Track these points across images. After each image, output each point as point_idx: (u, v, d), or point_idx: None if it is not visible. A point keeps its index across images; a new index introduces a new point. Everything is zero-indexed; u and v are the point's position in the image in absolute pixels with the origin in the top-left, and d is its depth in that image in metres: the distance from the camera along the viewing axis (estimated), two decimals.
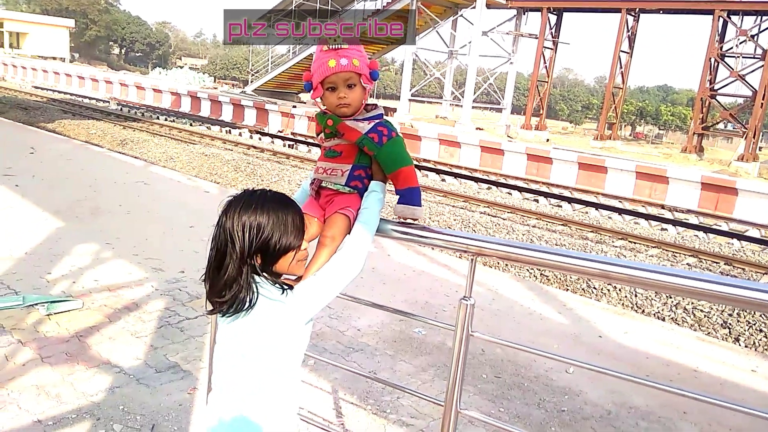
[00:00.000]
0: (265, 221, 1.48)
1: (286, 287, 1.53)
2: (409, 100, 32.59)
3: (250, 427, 1.55)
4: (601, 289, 7.50)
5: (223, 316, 1.55)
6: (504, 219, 11.85)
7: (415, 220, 1.77)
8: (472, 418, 3.27)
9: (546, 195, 15.27)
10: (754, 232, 13.20)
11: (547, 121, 35.00)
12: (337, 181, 1.78)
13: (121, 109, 25.99)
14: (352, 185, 1.77)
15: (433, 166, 18.11)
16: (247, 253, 1.49)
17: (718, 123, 31.09)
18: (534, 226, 11.36)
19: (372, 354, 4.09)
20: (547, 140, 29.74)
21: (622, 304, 7.16)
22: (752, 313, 6.71)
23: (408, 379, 3.76)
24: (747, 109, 27.57)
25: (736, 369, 4.42)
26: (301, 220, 1.55)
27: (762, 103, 25.12)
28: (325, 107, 1.83)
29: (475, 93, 28.62)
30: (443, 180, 16.47)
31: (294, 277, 1.62)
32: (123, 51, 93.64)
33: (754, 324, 6.56)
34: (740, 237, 12.23)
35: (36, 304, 4.19)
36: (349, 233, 1.72)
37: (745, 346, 6.06)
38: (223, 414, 1.58)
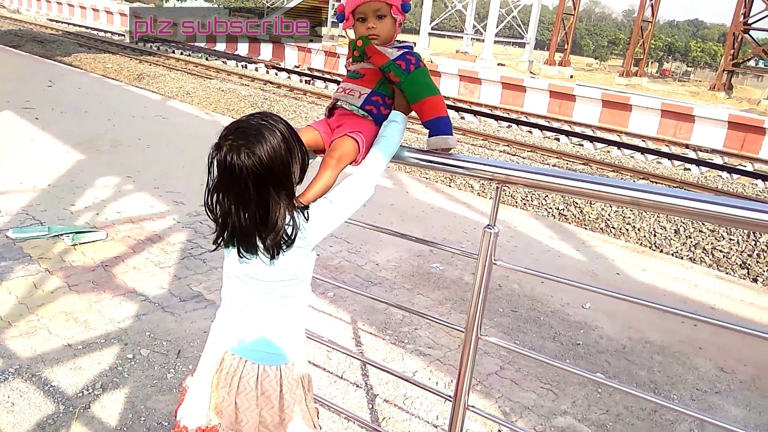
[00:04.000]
0: (280, 143, 1.41)
1: (306, 212, 1.50)
2: (429, 34, 31.70)
3: (260, 344, 1.58)
4: (620, 228, 7.45)
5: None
6: (524, 158, 11.70)
7: (449, 149, 1.73)
8: (488, 348, 3.34)
9: (568, 133, 14.98)
10: None
11: (572, 56, 33.95)
12: (353, 102, 1.74)
13: (137, 43, 25.64)
14: (366, 108, 1.73)
15: (452, 104, 17.79)
16: (287, 181, 1.43)
17: (749, 60, 29.88)
18: (554, 165, 11.22)
19: (390, 287, 4.14)
20: (571, 76, 28.95)
21: (641, 243, 7.12)
22: None
23: (425, 311, 3.81)
24: None
25: (754, 307, 4.42)
26: (289, 125, 1.49)
27: None
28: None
29: (497, 27, 27.73)
30: (462, 118, 16.20)
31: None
32: None
33: None
34: (765, 177, 11.98)
35: (61, 235, 4.27)
36: (354, 159, 1.69)
37: (763, 286, 6.04)
38: (232, 331, 1.61)
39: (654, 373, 3.36)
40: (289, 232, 1.45)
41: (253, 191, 1.39)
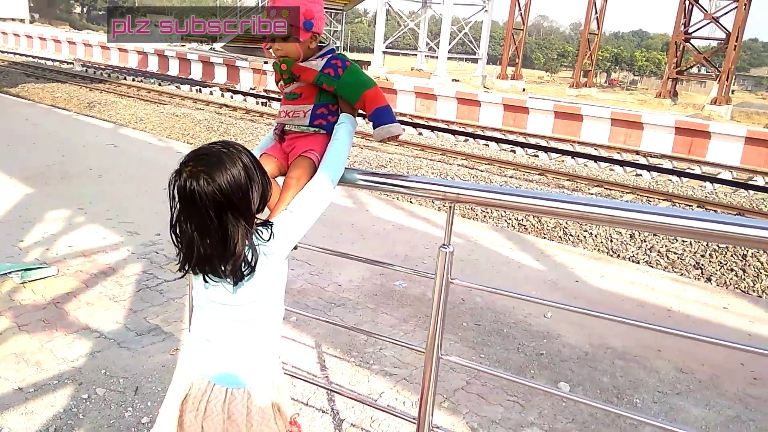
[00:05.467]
0: (240, 171, 1.42)
1: (270, 227, 1.51)
2: (384, 52, 32.04)
3: (228, 368, 1.55)
4: (578, 236, 7.60)
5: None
6: (482, 171, 11.86)
7: (396, 137, 1.76)
8: (454, 364, 3.34)
9: (523, 145, 15.29)
10: (726, 175, 13.45)
11: (523, 70, 34.76)
12: (301, 122, 1.76)
13: (86, 71, 25.14)
14: (315, 124, 1.76)
15: (409, 120, 17.96)
16: (246, 209, 1.44)
17: (691, 67, 31.20)
18: (511, 177, 11.41)
19: (354, 308, 4.11)
20: (524, 90, 29.61)
21: (598, 249, 7.27)
22: (723, 253, 6.87)
23: (390, 330, 3.80)
24: (720, 52, 27.69)
25: (708, 307, 4.55)
26: (252, 155, 1.50)
27: (735, 46, 25.23)
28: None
29: (450, 43, 28.21)
30: (420, 134, 16.36)
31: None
32: (85, 9, 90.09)
33: (726, 264, 6.73)
34: (713, 180, 12.45)
35: (9, 273, 4.10)
36: (313, 174, 1.71)
37: (717, 285, 6.23)
38: (201, 358, 1.58)
39: (616, 378, 3.41)
40: (249, 257, 1.45)
41: (214, 217, 1.40)
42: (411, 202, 7.97)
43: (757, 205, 10.09)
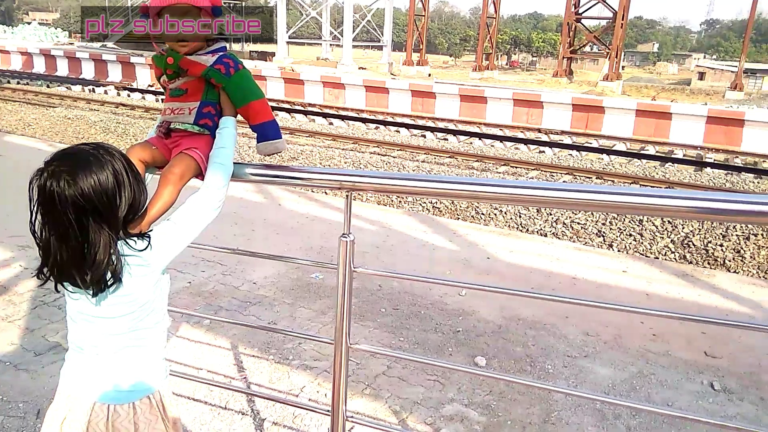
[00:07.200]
0: (108, 176, 1.33)
1: (147, 238, 1.43)
2: (287, 42, 31.55)
3: (109, 383, 1.48)
4: (489, 214, 7.84)
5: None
6: (394, 157, 11.96)
7: (279, 153, 1.72)
8: (379, 345, 3.36)
9: (432, 129, 15.57)
10: (620, 146, 14.32)
11: (428, 55, 35.35)
12: (186, 119, 1.68)
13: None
14: (201, 123, 1.68)
15: (319, 110, 17.82)
16: (111, 216, 1.34)
17: (584, 46, 32.91)
18: (423, 161, 11.58)
19: (270, 305, 4.03)
20: (429, 75, 30.12)
21: (508, 226, 7.54)
22: (622, 219, 7.32)
23: (308, 324, 3.76)
24: (609, 31, 29.36)
25: (609, 272, 4.83)
26: (128, 162, 1.42)
27: (622, 24, 26.80)
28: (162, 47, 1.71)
29: (354, 31, 28.19)
30: (331, 123, 16.27)
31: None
32: None
33: (625, 230, 7.17)
34: (609, 152, 13.23)
35: None
36: (197, 173, 1.65)
37: (618, 251, 6.63)
38: (79, 374, 1.49)
39: (528, 347, 3.56)
40: (113, 267, 1.36)
41: (74, 222, 1.31)
42: (326, 193, 7.92)
43: (649, 173, 10.82)
